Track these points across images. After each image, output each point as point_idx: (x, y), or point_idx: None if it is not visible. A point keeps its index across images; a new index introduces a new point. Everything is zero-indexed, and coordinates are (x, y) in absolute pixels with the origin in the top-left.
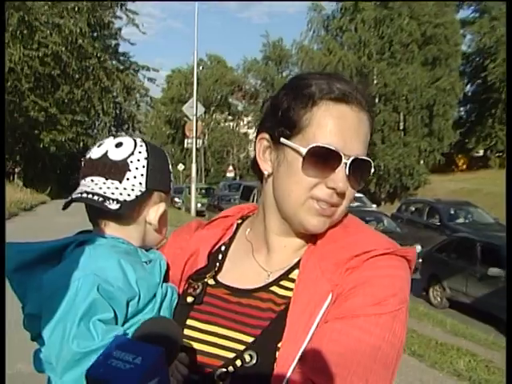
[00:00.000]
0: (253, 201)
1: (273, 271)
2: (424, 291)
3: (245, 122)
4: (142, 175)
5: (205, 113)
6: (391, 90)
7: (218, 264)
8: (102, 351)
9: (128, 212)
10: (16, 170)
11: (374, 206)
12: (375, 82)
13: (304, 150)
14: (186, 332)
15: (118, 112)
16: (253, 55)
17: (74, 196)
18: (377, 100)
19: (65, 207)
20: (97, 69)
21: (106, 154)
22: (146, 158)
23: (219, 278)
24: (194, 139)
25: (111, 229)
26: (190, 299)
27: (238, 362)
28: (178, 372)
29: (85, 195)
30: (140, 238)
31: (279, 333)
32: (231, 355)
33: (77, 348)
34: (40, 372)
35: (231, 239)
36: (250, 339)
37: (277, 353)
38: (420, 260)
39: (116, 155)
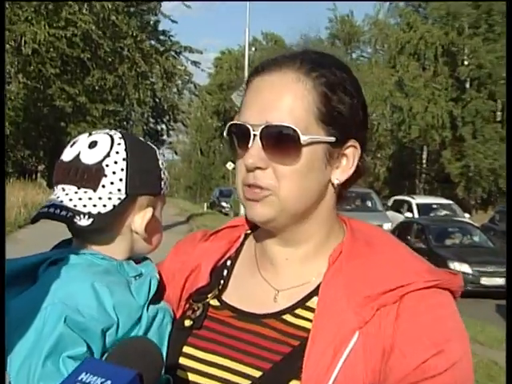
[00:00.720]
0: None
1: (282, 289)
2: None
3: None
4: (121, 180)
5: None
6: (487, 72)
7: (222, 282)
8: (68, 374)
9: (104, 225)
10: (39, 167)
11: (467, 215)
12: (466, 63)
13: (225, 135)
14: (182, 361)
15: (156, 101)
16: (317, 33)
17: (41, 210)
18: (467, 85)
19: (33, 222)
20: (132, 51)
21: (79, 156)
22: (124, 159)
23: (224, 297)
24: None
25: (91, 242)
26: (188, 323)
27: None
28: None
29: (52, 209)
30: (126, 249)
31: (293, 371)
32: None
33: None
34: None
35: (238, 252)
36: (257, 373)
37: None
38: None
39: (89, 158)
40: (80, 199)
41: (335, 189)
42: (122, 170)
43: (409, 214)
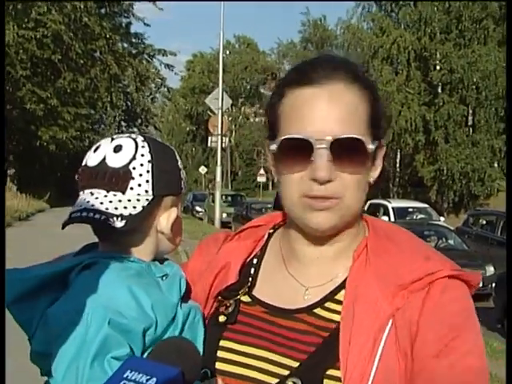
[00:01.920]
0: None
1: (311, 286)
2: (499, 323)
3: None
4: (148, 182)
5: (232, 106)
6: (458, 77)
7: (250, 279)
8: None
9: (135, 226)
10: (9, 171)
11: (442, 218)
12: (438, 67)
13: (274, 148)
14: (220, 354)
15: (129, 104)
16: (289, 37)
17: (73, 215)
18: (439, 90)
19: (63, 227)
20: (105, 53)
21: (104, 160)
22: (149, 161)
23: (255, 293)
24: (219, 137)
25: (119, 245)
26: (222, 318)
27: None
28: None
29: (85, 214)
30: (152, 250)
31: (329, 359)
32: (273, 380)
33: None
34: None
35: (263, 251)
36: (295, 364)
37: (324, 380)
38: (493, 284)
39: (116, 161)
40: (110, 202)
41: (368, 188)
42: (148, 171)
43: (385, 218)
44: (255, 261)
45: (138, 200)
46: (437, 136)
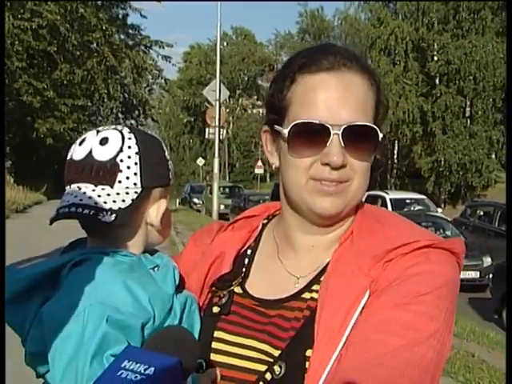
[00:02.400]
0: None
1: (302, 275)
2: (496, 313)
3: None
4: (136, 174)
5: (229, 97)
6: (455, 67)
7: (244, 270)
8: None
9: (125, 220)
10: (6, 163)
11: (440, 210)
12: (435, 58)
13: (286, 132)
14: (214, 345)
15: (126, 96)
16: (287, 28)
17: (60, 210)
18: (437, 81)
19: (51, 223)
20: (101, 44)
21: (91, 153)
22: (137, 153)
23: (246, 286)
24: (217, 128)
25: (109, 239)
26: (216, 309)
27: (268, 376)
28: None
29: (73, 209)
30: (142, 242)
31: (307, 340)
32: (262, 368)
33: None
34: None
35: (257, 241)
36: (277, 352)
37: (306, 362)
38: (490, 275)
39: (102, 154)
40: (99, 196)
41: None
42: (136, 164)
43: None
44: (249, 251)
45: (127, 193)
46: (434, 127)
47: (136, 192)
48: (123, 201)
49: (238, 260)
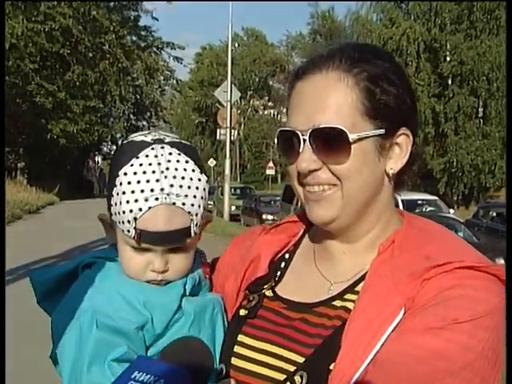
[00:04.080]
0: (297, 203)
1: (336, 282)
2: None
3: None
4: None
5: (240, 98)
6: (469, 68)
7: (279, 273)
8: (121, 372)
9: None
10: (19, 165)
11: (452, 211)
12: (448, 59)
13: (275, 141)
14: (236, 349)
15: (138, 97)
16: (298, 29)
17: None
18: (450, 81)
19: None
20: (113, 46)
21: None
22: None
23: (277, 289)
24: (228, 130)
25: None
26: (243, 312)
27: None
28: None
29: None
30: None
31: (332, 352)
32: (281, 377)
33: None
34: None
35: (296, 246)
36: (302, 359)
37: (329, 376)
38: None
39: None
40: None
41: (390, 179)
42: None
43: None
44: (287, 256)
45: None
46: (446, 128)
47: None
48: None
49: (274, 264)
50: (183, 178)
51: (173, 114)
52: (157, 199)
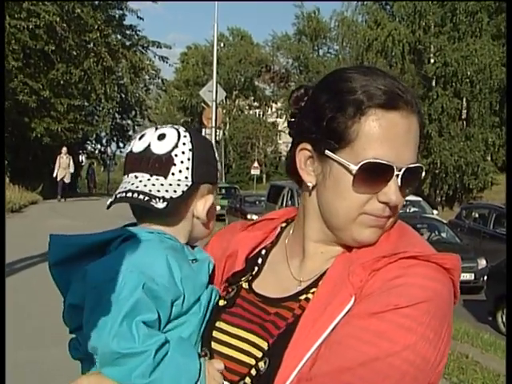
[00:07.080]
0: (282, 203)
1: (305, 279)
2: (490, 315)
3: (273, 110)
4: (188, 168)
5: (226, 98)
6: (452, 70)
7: (256, 268)
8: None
9: (175, 208)
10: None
11: (436, 212)
12: (432, 61)
13: (354, 168)
14: (215, 334)
15: (123, 96)
16: (284, 29)
17: (118, 195)
18: (434, 83)
19: (109, 207)
20: (98, 45)
21: (149, 147)
22: (190, 150)
23: (254, 285)
24: (214, 129)
25: (158, 226)
26: (222, 302)
27: (254, 371)
28: (215, 381)
29: (129, 194)
30: (187, 233)
31: (289, 338)
32: (252, 361)
33: (116, 348)
34: (76, 360)
35: (273, 243)
36: (266, 346)
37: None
38: (485, 277)
39: (159, 148)
40: (153, 185)
41: None
42: (189, 159)
43: None
44: (263, 252)
45: (179, 185)
46: (430, 129)
47: (187, 185)
48: (175, 191)
49: (251, 259)
50: None
51: (158, 113)
52: None
